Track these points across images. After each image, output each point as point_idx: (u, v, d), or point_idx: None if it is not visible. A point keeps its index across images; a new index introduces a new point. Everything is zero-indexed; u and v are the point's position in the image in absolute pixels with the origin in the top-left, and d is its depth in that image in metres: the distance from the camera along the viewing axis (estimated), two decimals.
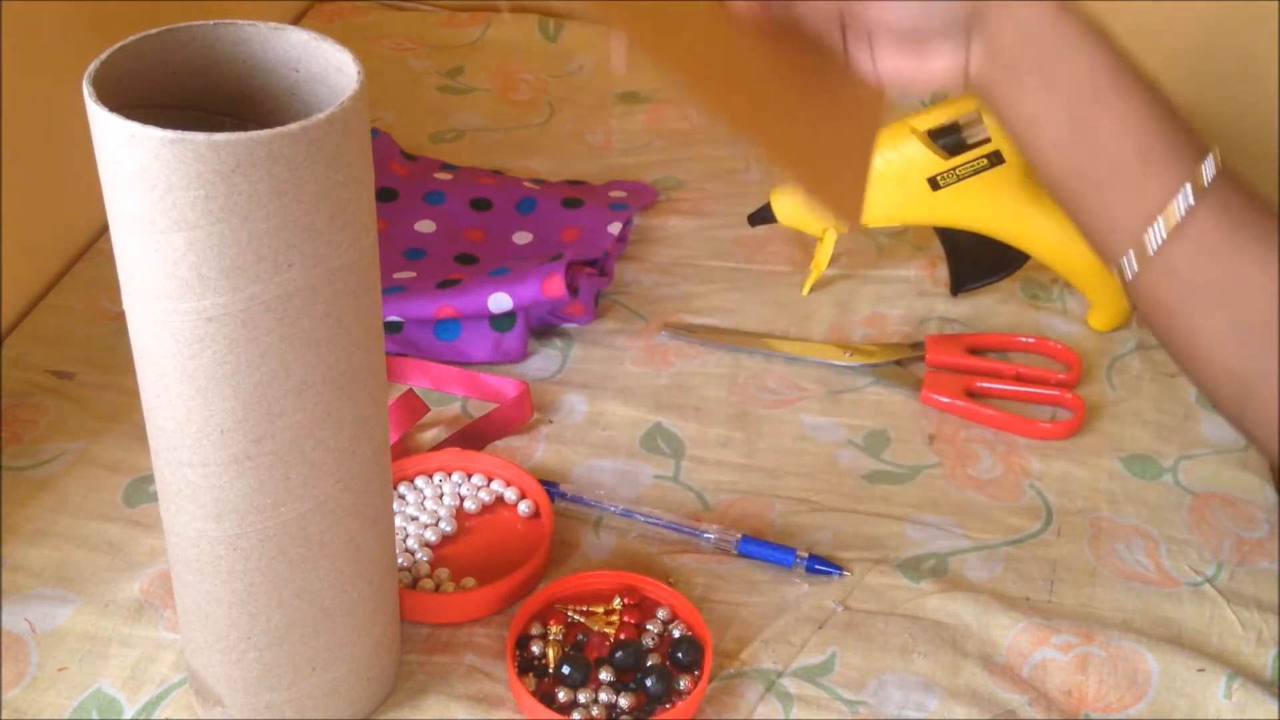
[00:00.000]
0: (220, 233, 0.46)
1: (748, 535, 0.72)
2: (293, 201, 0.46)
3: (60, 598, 0.68)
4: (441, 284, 0.85)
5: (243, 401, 0.50)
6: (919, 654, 0.67)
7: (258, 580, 0.54)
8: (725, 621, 0.68)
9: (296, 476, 0.52)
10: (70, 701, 0.63)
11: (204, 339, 0.48)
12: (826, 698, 0.64)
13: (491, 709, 0.63)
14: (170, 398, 0.50)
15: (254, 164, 0.44)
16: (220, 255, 0.46)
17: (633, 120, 1.12)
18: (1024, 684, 0.65)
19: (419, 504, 0.73)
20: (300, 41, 0.50)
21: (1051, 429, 0.80)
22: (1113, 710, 0.64)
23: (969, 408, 0.82)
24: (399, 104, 1.13)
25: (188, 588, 0.56)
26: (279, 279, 0.47)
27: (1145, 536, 0.74)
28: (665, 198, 1.02)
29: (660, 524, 0.73)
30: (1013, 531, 0.74)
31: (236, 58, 0.51)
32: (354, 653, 0.59)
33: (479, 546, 0.72)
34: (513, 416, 0.80)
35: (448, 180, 0.99)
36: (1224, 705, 0.64)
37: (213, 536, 0.53)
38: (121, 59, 0.48)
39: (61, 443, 0.77)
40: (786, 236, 0.97)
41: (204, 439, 0.51)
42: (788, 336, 0.88)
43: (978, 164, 0.85)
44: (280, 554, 0.54)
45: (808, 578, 0.70)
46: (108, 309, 0.88)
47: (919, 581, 0.70)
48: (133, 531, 0.72)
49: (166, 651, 0.65)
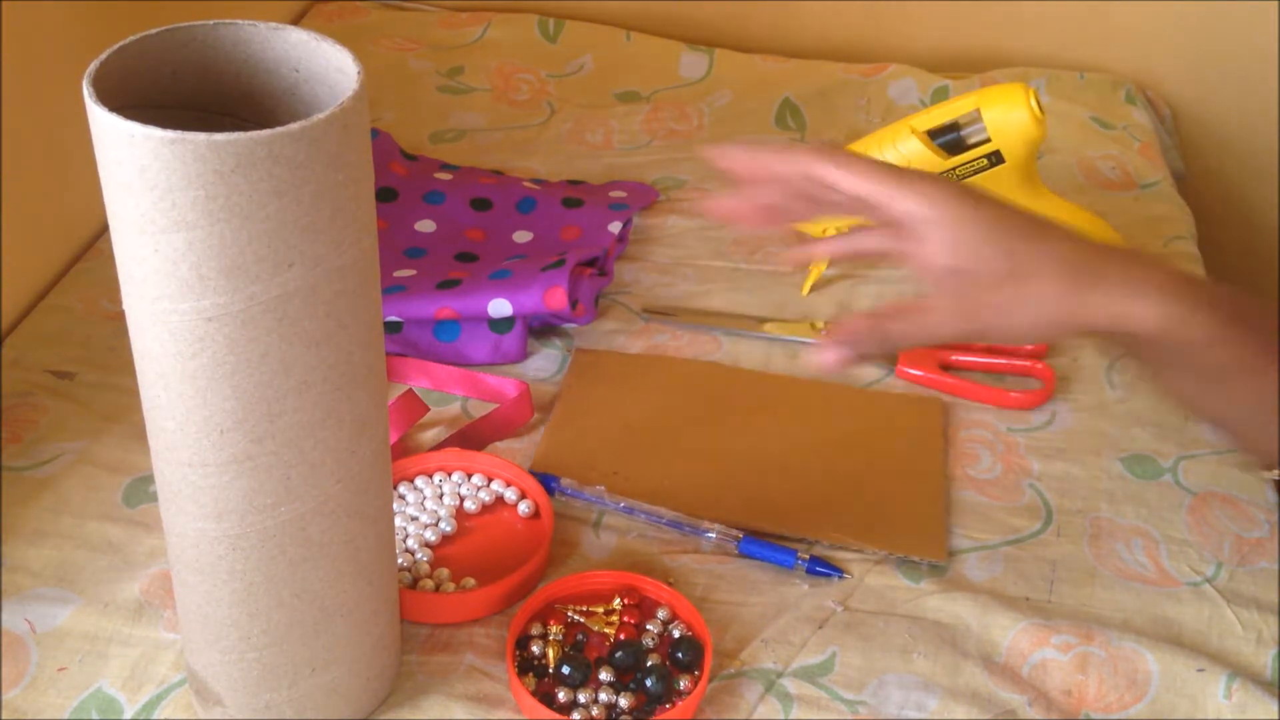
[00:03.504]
0: (220, 233, 0.46)
1: (749, 535, 0.72)
2: (292, 201, 0.46)
3: (60, 598, 0.68)
4: (441, 284, 0.85)
5: (243, 401, 0.50)
6: (919, 654, 0.67)
7: (257, 580, 0.54)
8: (725, 621, 0.68)
9: (296, 476, 0.52)
10: (70, 701, 0.63)
11: (204, 339, 0.48)
12: (826, 698, 0.64)
13: (491, 709, 0.63)
14: (170, 398, 0.50)
15: (254, 164, 0.44)
16: (220, 255, 0.46)
17: (633, 120, 1.12)
18: (1024, 684, 0.65)
19: (419, 504, 0.73)
20: (300, 41, 0.50)
21: (1021, 398, 0.83)
22: (1113, 710, 0.64)
23: (942, 380, 0.84)
24: (399, 104, 1.13)
25: (188, 588, 0.56)
26: (279, 279, 0.47)
27: (1145, 536, 0.74)
28: (665, 198, 1.02)
29: (660, 523, 0.73)
30: (1013, 531, 0.74)
31: (236, 58, 0.51)
32: (354, 653, 0.59)
33: (479, 546, 0.72)
34: (513, 416, 0.80)
35: (448, 180, 0.99)
36: (1224, 705, 0.64)
37: (213, 536, 0.53)
38: (121, 59, 0.48)
39: (61, 443, 0.77)
40: (786, 236, 0.97)
41: (204, 439, 0.51)
42: (765, 317, 0.89)
43: (978, 164, 0.85)
44: (280, 554, 0.54)
45: (808, 578, 0.71)
46: (108, 309, 0.88)
47: (919, 581, 0.70)
48: (133, 531, 0.72)
49: (166, 652, 0.65)
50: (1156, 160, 1.11)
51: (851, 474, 0.77)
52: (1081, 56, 1.23)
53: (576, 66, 1.20)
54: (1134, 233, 0.97)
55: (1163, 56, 1.23)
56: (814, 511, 0.74)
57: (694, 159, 1.08)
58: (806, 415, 0.82)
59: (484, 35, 1.23)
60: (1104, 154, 1.10)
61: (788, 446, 0.79)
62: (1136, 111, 1.17)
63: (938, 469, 0.77)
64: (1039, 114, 0.83)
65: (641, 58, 1.21)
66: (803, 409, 0.82)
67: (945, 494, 0.76)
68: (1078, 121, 1.14)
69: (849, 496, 0.75)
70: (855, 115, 1.15)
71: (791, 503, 0.75)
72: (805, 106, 1.15)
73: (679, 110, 1.15)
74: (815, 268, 0.92)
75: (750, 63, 1.21)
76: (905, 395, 0.84)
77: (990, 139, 0.84)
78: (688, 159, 1.08)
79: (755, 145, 0.62)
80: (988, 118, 0.84)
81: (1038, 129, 0.83)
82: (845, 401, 0.83)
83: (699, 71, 1.19)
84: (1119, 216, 0.97)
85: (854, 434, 0.80)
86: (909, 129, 0.85)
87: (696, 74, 1.19)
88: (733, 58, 1.21)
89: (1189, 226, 1.03)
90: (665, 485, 0.75)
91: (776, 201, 0.62)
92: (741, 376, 0.85)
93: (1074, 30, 1.22)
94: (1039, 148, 0.84)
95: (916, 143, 0.85)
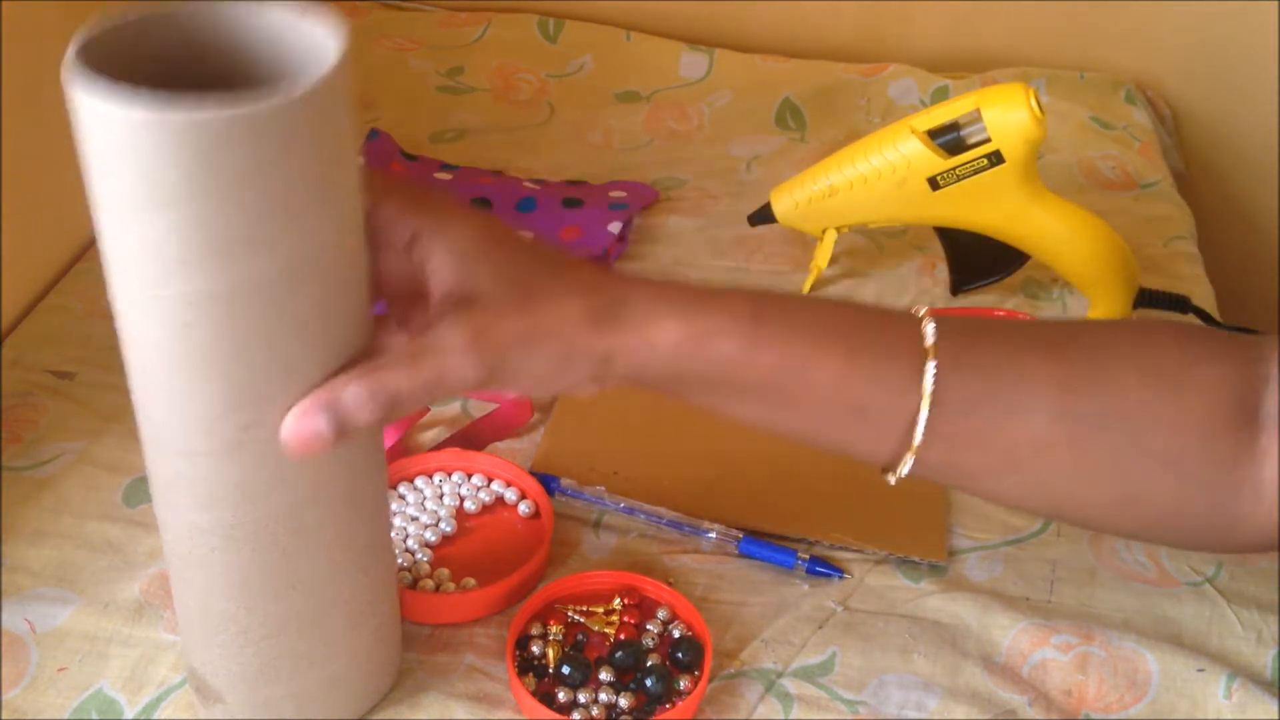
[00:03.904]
0: (203, 213, 0.45)
1: (749, 535, 0.72)
2: (277, 179, 0.45)
3: (60, 598, 0.68)
4: None
5: (231, 387, 0.49)
6: (919, 654, 0.67)
7: (252, 573, 0.54)
8: (725, 621, 0.68)
9: (288, 464, 0.51)
10: (70, 702, 0.63)
11: (189, 324, 0.47)
12: (826, 698, 0.64)
13: (491, 709, 0.63)
14: (157, 386, 0.50)
15: (234, 141, 0.44)
16: (204, 236, 0.45)
17: (633, 120, 1.12)
18: (1024, 684, 0.65)
19: (419, 504, 0.73)
20: (284, 15, 0.49)
21: None
22: (1113, 710, 0.64)
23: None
24: (399, 104, 1.13)
25: (184, 583, 0.56)
26: (264, 260, 0.46)
27: None
28: (665, 198, 1.02)
29: (660, 523, 0.73)
30: (1013, 531, 0.74)
31: (220, 35, 0.50)
32: (353, 645, 0.59)
33: (479, 546, 0.72)
34: (513, 416, 0.80)
35: (447, 180, 0.99)
36: (1224, 705, 0.64)
37: (205, 528, 0.53)
38: (102, 42, 0.47)
39: (61, 443, 0.77)
40: (786, 236, 0.97)
41: (193, 428, 0.50)
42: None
43: (978, 164, 0.85)
44: (274, 544, 0.53)
45: (808, 578, 0.70)
46: (108, 309, 0.88)
47: (919, 582, 0.70)
48: (133, 531, 0.72)
49: (167, 652, 0.65)
50: (1156, 160, 1.11)
51: (851, 474, 0.77)
52: (1081, 56, 1.23)
53: (576, 66, 1.20)
54: (1134, 233, 0.97)
55: (1163, 56, 1.23)
56: (814, 511, 0.74)
57: (694, 159, 1.08)
58: None
59: (484, 35, 1.23)
60: (1104, 154, 1.10)
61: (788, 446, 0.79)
62: (1136, 111, 1.17)
63: None
64: (1039, 114, 0.83)
65: (641, 58, 1.21)
66: None
67: (945, 494, 0.76)
68: (1078, 121, 1.14)
69: (849, 496, 0.75)
70: (855, 115, 1.15)
71: (791, 503, 0.75)
72: (805, 106, 1.15)
73: (679, 110, 1.15)
74: (815, 267, 0.92)
75: (750, 63, 1.21)
76: None
77: (990, 139, 0.84)
78: (688, 159, 1.08)
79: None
80: (988, 118, 0.84)
81: (1038, 129, 0.83)
82: None
83: (699, 71, 1.19)
84: (1119, 216, 0.97)
85: None
86: (909, 129, 0.85)
87: (696, 74, 1.19)
88: (733, 58, 1.21)
89: (1189, 226, 1.03)
90: (665, 485, 0.75)
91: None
92: None
93: (1074, 30, 1.22)
94: (1039, 148, 0.84)
95: (916, 143, 0.85)
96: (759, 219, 0.93)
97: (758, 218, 0.93)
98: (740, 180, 1.06)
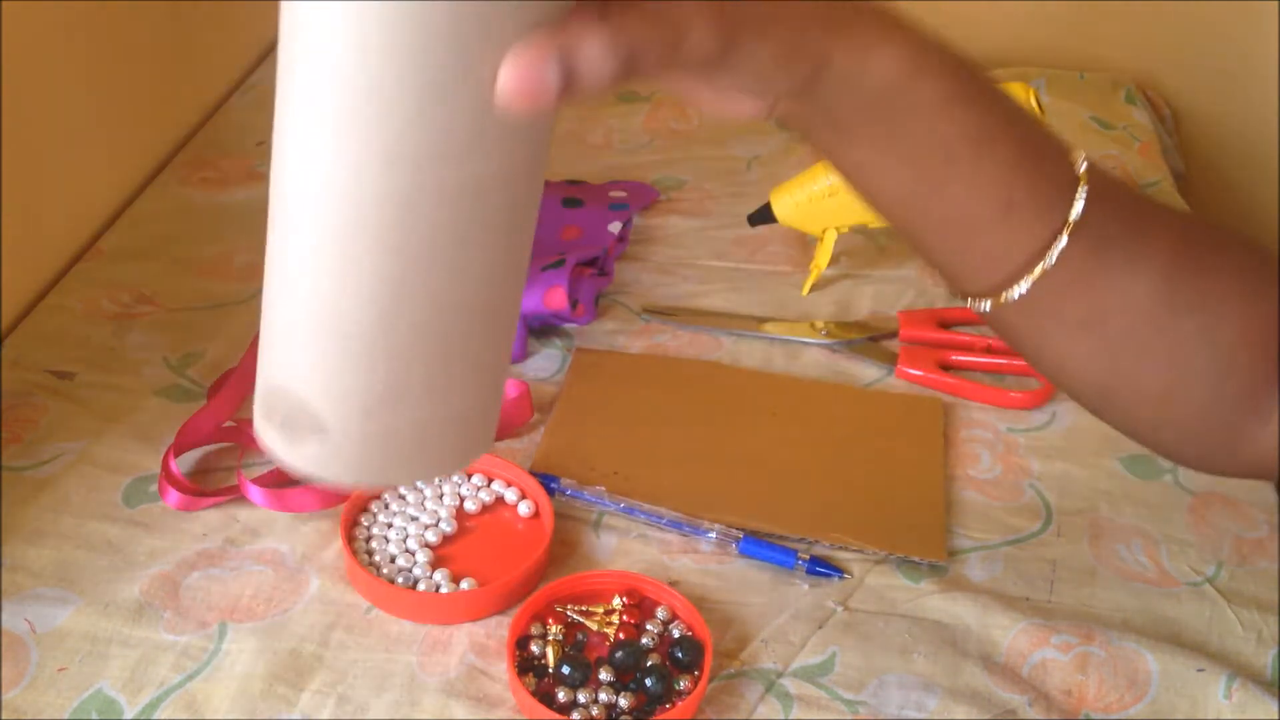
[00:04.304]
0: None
1: (749, 535, 0.72)
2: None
3: (60, 598, 0.68)
4: None
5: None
6: (919, 654, 0.67)
7: (413, 261, 0.44)
8: (725, 621, 0.68)
9: (491, 122, 0.42)
10: (70, 702, 0.63)
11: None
12: (826, 698, 0.64)
13: (491, 709, 0.63)
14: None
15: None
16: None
17: (633, 120, 1.12)
18: (1024, 684, 0.65)
19: (419, 504, 0.73)
20: None
21: (1021, 398, 0.83)
22: (1113, 710, 0.64)
23: (942, 380, 0.84)
24: None
25: (305, 275, 0.45)
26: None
27: (1145, 536, 0.74)
28: (665, 198, 1.02)
29: (660, 523, 0.73)
30: (1013, 531, 0.74)
31: None
32: (478, 385, 0.50)
33: (479, 546, 0.72)
34: (512, 416, 0.80)
35: None
36: (1224, 705, 0.64)
37: (379, 191, 0.42)
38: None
39: (61, 443, 0.77)
40: (786, 236, 0.97)
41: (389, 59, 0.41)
42: (765, 317, 0.90)
43: None
44: (451, 226, 0.44)
45: (808, 578, 0.71)
46: (108, 309, 0.88)
47: (919, 581, 0.70)
48: (133, 531, 0.72)
49: (166, 653, 0.65)
50: (1156, 160, 1.11)
51: (851, 474, 0.77)
52: (1081, 56, 1.23)
53: None
54: None
55: (1163, 56, 1.23)
56: (814, 511, 0.74)
57: (694, 159, 1.08)
58: (806, 415, 0.82)
59: None
60: (1104, 154, 1.10)
61: (788, 446, 0.79)
62: (1136, 111, 1.17)
63: (938, 469, 0.77)
64: (1039, 114, 0.83)
65: None
66: (803, 409, 0.82)
67: (945, 494, 0.76)
68: (1078, 121, 1.14)
69: (849, 496, 0.75)
70: None
71: (791, 503, 0.75)
72: None
73: (679, 110, 1.15)
74: (815, 267, 0.92)
75: None
76: (905, 395, 0.84)
77: None
78: (688, 159, 1.08)
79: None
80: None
81: None
82: (845, 401, 0.83)
83: None
84: None
85: (854, 434, 0.80)
86: None
87: None
88: None
89: None
90: (665, 485, 0.75)
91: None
92: (741, 376, 0.85)
93: (1074, 30, 1.23)
94: None
95: None
96: (759, 219, 0.93)
97: (758, 218, 0.93)
98: (740, 180, 1.06)
